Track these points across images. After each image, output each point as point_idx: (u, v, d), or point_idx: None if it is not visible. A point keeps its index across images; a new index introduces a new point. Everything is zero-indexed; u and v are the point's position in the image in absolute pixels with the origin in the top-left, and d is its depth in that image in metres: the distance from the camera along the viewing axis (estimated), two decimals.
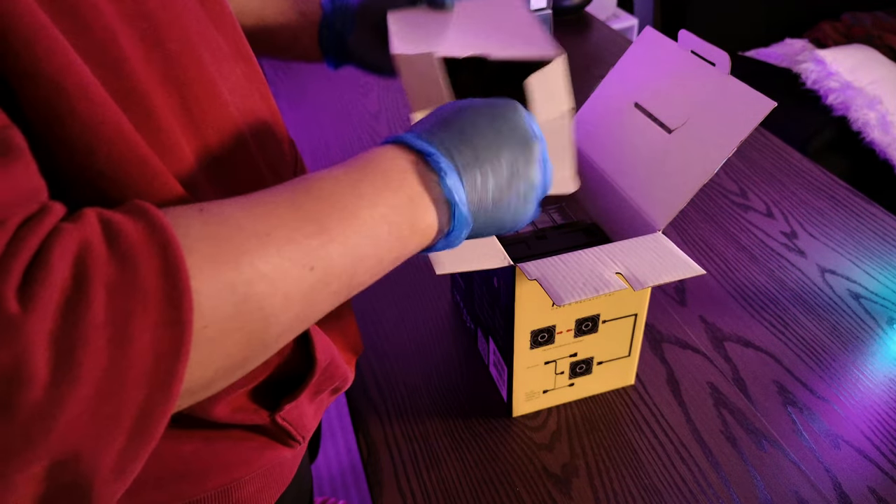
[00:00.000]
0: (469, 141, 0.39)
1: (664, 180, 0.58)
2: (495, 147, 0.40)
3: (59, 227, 0.27)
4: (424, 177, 0.38)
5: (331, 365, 0.52)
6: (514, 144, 0.40)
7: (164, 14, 0.37)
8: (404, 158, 0.38)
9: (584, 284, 0.49)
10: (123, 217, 0.29)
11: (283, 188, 0.36)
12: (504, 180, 0.40)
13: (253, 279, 0.31)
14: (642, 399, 0.68)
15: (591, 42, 1.42)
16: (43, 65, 0.29)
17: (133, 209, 0.30)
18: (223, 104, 0.42)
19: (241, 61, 0.46)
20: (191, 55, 0.39)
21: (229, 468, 0.50)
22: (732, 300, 0.78)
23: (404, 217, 0.37)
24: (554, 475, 0.61)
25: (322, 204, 0.35)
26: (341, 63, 0.67)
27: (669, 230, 0.88)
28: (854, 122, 1.75)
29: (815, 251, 0.84)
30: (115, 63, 0.34)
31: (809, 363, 0.70)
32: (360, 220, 0.36)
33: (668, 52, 0.61)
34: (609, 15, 2.40)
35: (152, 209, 0.30)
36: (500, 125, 0.41)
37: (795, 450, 0.62)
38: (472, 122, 0.40)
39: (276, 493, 0.56)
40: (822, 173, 0.98)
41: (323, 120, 1.20)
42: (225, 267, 0.30)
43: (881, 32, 2.08)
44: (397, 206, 0.37)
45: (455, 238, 0.40)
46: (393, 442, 0.65)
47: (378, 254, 0.37)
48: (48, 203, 0.29)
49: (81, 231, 0.28)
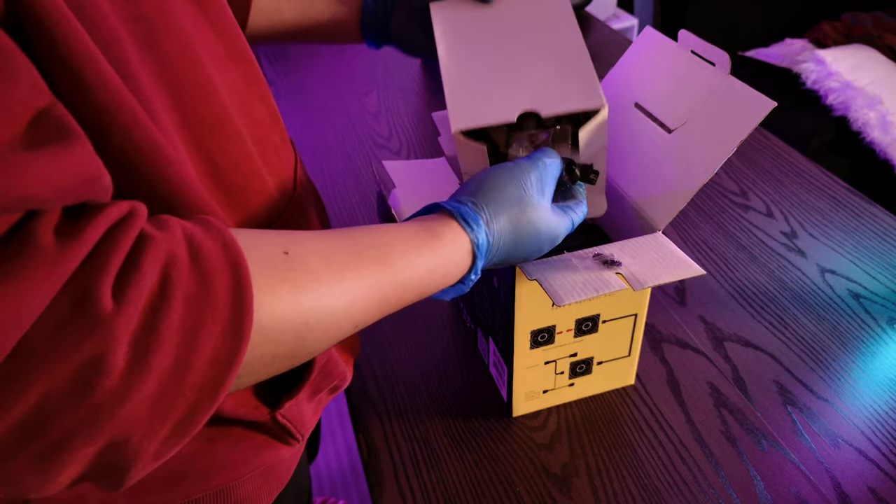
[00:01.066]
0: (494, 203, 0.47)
1: (664, 180, 0.58)
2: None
3: (149, 234, 0.31)
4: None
5: (328, 363, 0.52)
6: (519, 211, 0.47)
7: (158, 17, 0.37)
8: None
9: (584, 285, 0.49)
10: (203, 234, 0.33)
11: (349, 235, 0.41)
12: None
13: (307, 316, 0.36)
14: (642, 399, 0.68)
15: (591, 42, 1.42)
16: (63, 49, 0.30)
17: (209, 227, 0.34)
18: (220, 106, 0.42)
19: (240, 63, 0.47)
20: (186, 57, 0.39)
21: (229, 468, 0.50)
22: (732, 300, 0.78)
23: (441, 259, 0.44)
24: (554, 475, 0.61)
25: (375, 245, 0.41)
26: (382, 44, 0.71)
27: (669, 230, 0.88)
28: (854, 122, 1.75)
29: (816, 251, 0.84)
30: (120, 62, 0.34)
31: (809, 363, 0.70)
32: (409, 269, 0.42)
33: (668, 52, 0.61)
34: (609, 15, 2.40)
35: (228, 232, 0.34)
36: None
37: (795, 449, 0.62)
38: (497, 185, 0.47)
39: (274, 492, 0.56)
40: (822, 173, 0.98)
41: (323, 120, 1.20)
42: (285, 299, 0.35)
43: (881, 32, 2.08)
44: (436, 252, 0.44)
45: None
46: (393, 442, 0.65)
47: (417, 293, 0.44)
48: (135, 206, 0.31)
49: (170, 242, 0.31)
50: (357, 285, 0.38)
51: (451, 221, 0.45)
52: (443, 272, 0.44)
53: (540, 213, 0.47)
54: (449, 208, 0.45)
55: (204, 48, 0.41)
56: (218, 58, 0.43)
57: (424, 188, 0.65)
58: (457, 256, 0.44)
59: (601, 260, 0.52)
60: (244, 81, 0.47)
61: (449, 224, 0.45)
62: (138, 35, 0.36)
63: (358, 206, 0.97)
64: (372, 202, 0.98)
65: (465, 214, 0.45)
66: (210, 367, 0.31)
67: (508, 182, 0.47)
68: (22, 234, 0.27)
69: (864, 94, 1.76)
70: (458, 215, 0.45)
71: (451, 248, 0.44)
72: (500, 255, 0.47)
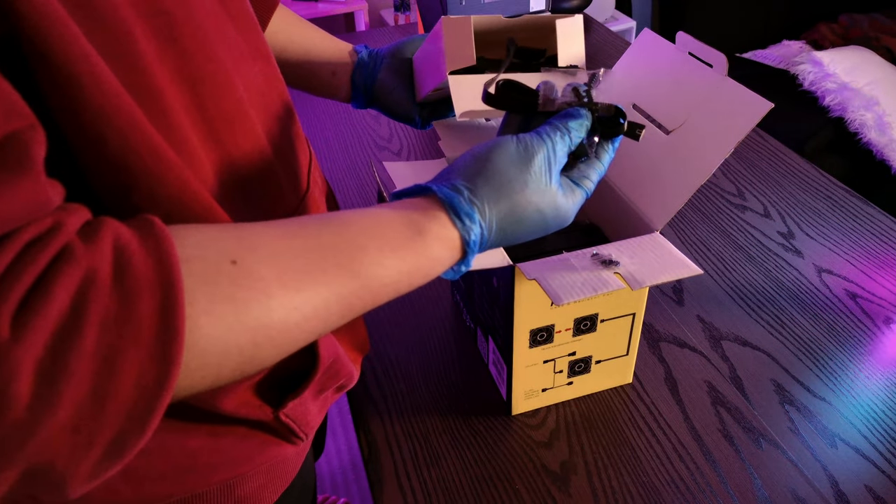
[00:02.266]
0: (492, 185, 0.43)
1: (662, 181, 0.58)
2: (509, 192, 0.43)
3: (68, 250, 0.28)
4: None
5: (335, 363, 0.52)
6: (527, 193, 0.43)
7: (179, 11, 0.37)
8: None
9: (582, 284, 0.50)
10: (138, 244, 0.30)
11: (316, 233, 0.37)
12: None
13: (253, 335, 0.33)
14: (640, 398, 0.68)
15: (589, 44, 1.43)
16: (56, 52, 0.30)
17: (148, 234, 0.31)
18: (238, 101, 0.42)
19: (259, 60, 0.47)
20: (206, 52, 0.39)
21: (233, 463, 0.50)
22: (730, 300, 0.79)
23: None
24: (553, 473, 0.62)
25: (342, 248, 0.37)
26: (366, 105, 0.73)
27: (667, 230, 0.89)
28: (851, 123, 1.76)
29: (812, 251, 0.85)
30: (130, 58, 0.34)
31: (806, 362, 0.71)
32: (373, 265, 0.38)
33: (665, 53, 0.62)
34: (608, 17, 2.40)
35: (167, 242, 0.31)
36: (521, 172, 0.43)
37: (792, 448, 0.63)
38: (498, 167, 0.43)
39: (278, 490, 0.56)
40: (819, 174, 0.99)
41: (323, 120, 1.20)
42: (226, 320, 0.32)
43: (878, 34, 2.09)
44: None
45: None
46: (394, 440, 0.65)
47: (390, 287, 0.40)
48: (61, 218, 0.29)
49: (91, 258, 0.28)
50: (315, 296, 0.35)
51: (439, 214, 0.41)
52: (424, 273, 0.40)
53: (547, 198, 0.43)
54: (441, 196, 0.41)
55: (224, 44, 0.42)
56: (238, 53, 0.44)
57: None
58: (443, 255, 0.41)
59: (599, 260, 0.52)
60: (263, 78, 0.47)
61: (437, 217, 0.40)
62: (160, 30, 0.36)
63: (358, 206, 0.98)
64: (372, 202, 0.98)
65: (458, 206, 0.41)
66: (136, 392, 0.29)
67: (511, 166, 0.42)
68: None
69: (861, 96, 1.76)
70: (450, 207, 0.41)
71: (437, 247, 0.40)
72: (497, 242, 0.43)
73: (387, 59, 0.71)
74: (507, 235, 0.43)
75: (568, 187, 0.46)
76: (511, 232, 0.43)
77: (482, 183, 0.42)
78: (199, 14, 0.39)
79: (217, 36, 0.41)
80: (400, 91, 0.70)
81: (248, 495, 0.53)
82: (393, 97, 0.71)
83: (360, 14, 2.67)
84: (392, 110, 0.72)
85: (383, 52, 0.71)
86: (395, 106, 0.71)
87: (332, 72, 0.72)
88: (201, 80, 0.39)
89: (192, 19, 0.38)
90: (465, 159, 0.44)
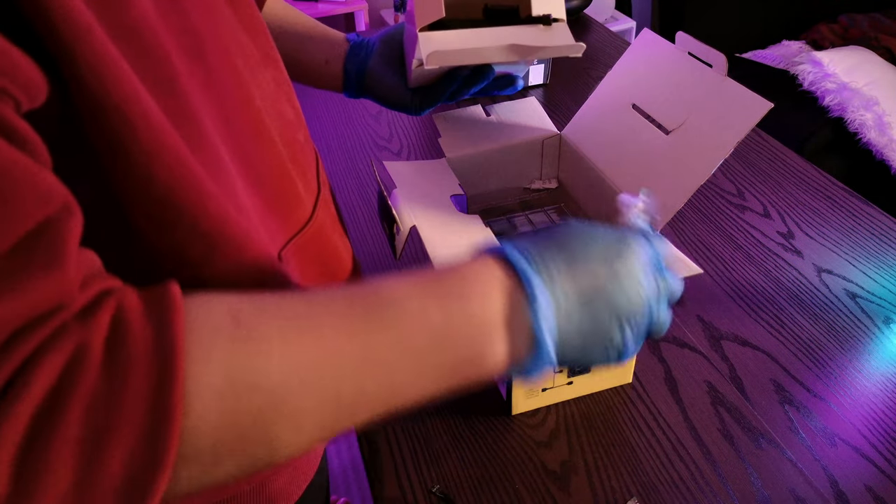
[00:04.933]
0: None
1: (662, 181, 0.59)
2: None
3: (63, 327, 0.27)
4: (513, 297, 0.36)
5: None
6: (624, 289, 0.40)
7: (205, 27, 0.37)
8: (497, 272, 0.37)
9: None
10: (142, 317, 0.28)
11: (336, 309, 0.34)
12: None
13: (267, 417, 0.30)
14: (640, 397, 0.68)
15: (589, 44, 1.43)
16: (111, 95, 0.29)
17: (160, 308, 0.29)
18: (256, 111, 0.42)
19: (270, 66, 0.47)
20: (227, 65, 0.39)
21: None
22: (729, 299, 0.79)
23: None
24: (553, 472, 0.62)
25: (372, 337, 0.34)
26: (358, 94, 0.73)
27: (667, 230, 0.89)
28: (850, 123, 1.76)
29: (812, 251, 0.85)
30: (169, 83, 0.33)
31: (806, 362, 0.71)
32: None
33: (665, 53, 0.62)
34: (607, 17, 2.40)
35: (177, 319, 0.28)
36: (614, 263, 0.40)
37: (792, 448, 0.63)
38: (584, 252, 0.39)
39: (303, 484, 0.57)
40: (819, 174, 0.99)
41: (323, 120, 1.20)
42: (234, 397, 0.29)
43: (878, 34, 2.09)
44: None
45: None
46: (394, 440, 0.65)
47: (421, 383, 0.37)
48: (63, 302, 0.27)
49: (83, 334, 0.27)
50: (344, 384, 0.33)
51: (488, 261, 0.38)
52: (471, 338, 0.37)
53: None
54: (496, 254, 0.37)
55: (240, 54, 0.41)
56: (252, 61, 0.43)
57: (424, 188, 0.65)
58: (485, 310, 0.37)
59: None
60: (274, 83, 0.47)
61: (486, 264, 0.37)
62: (189, 48, 0.35)
63: (358, 206, 0.98)
64: (372, 202, 0.98)
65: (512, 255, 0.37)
66: (125, 479, 0.27)
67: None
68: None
69: (861, 96, 1.76)
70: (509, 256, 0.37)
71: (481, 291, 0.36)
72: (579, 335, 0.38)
73: (377, 46, 0.70)
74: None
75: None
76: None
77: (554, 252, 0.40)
78: (220, 27, 0.39)
79: (234, 47, 0.40)
80: (392, 77, 0.69)
81: (277, 491, 0.53)
82: (385, 84, 0.70)
83: (360, 14, 2.67)
84: (385, 97, 0.72)
85: (374, 39, 0.71)
86: (387, 93, 0.71)
87: (325, 60, 0.71)
88: (226, 96, 0.39)
89: (215, 34, 0.38)
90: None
